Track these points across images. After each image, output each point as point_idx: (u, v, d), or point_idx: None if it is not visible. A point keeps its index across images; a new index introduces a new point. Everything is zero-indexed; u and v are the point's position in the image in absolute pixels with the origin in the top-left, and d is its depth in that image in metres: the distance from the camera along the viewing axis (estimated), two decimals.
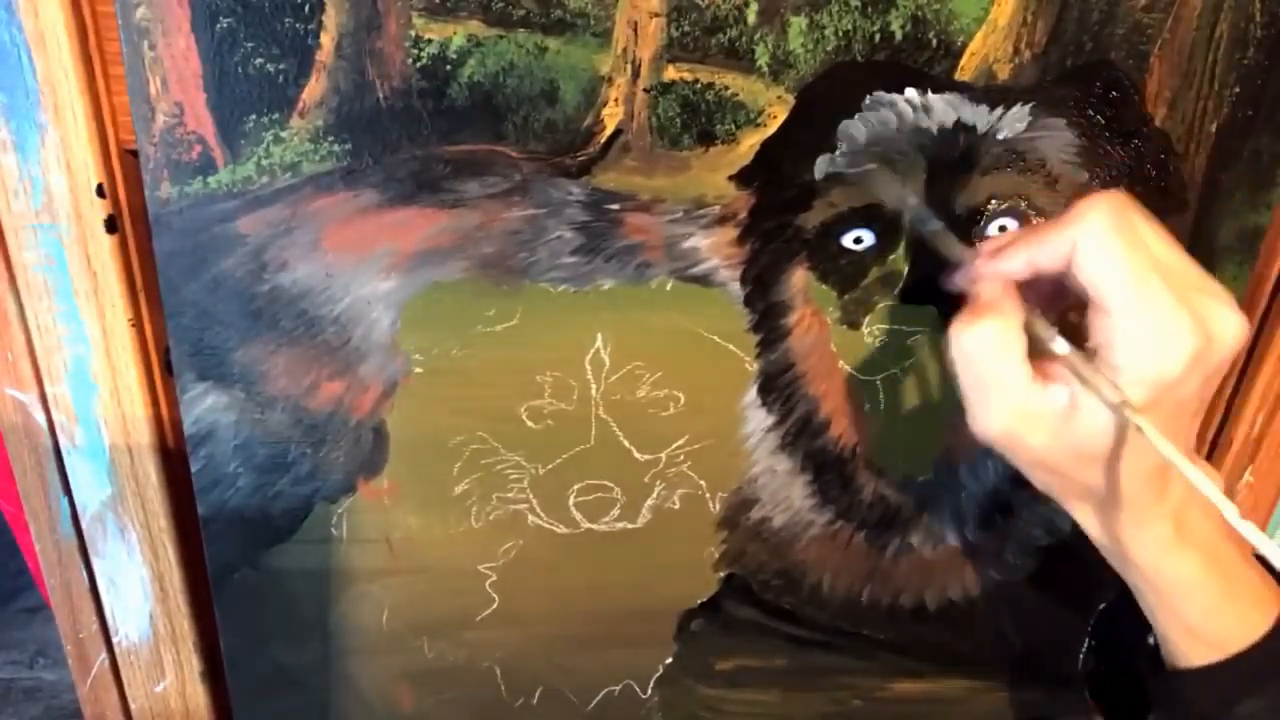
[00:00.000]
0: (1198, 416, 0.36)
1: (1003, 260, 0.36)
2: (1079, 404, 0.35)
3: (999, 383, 0.35)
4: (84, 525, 0.49)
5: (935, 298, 0.48)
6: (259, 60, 0.40)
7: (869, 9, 0.41)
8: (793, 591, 0.55)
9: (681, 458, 0.50)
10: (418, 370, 0.46)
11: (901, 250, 0.46)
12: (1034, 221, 0.47)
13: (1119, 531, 0.38)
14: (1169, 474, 0.36)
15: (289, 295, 0.44)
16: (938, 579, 0.56)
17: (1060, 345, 0.35)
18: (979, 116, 0.44)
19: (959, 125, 0.44)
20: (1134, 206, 0.35)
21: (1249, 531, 0.31)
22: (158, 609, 0.51)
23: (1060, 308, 0.39)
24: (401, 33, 0.40)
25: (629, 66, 0.41)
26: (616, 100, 0.42)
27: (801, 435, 0.50)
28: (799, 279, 0.47)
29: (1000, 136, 0.44)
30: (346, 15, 0.39)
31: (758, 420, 0.50)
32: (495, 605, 0.53)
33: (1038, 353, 0.36)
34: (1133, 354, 0.33)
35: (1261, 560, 0.38)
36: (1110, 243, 0.33)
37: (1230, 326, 0.34)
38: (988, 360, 0.35)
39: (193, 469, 0.47)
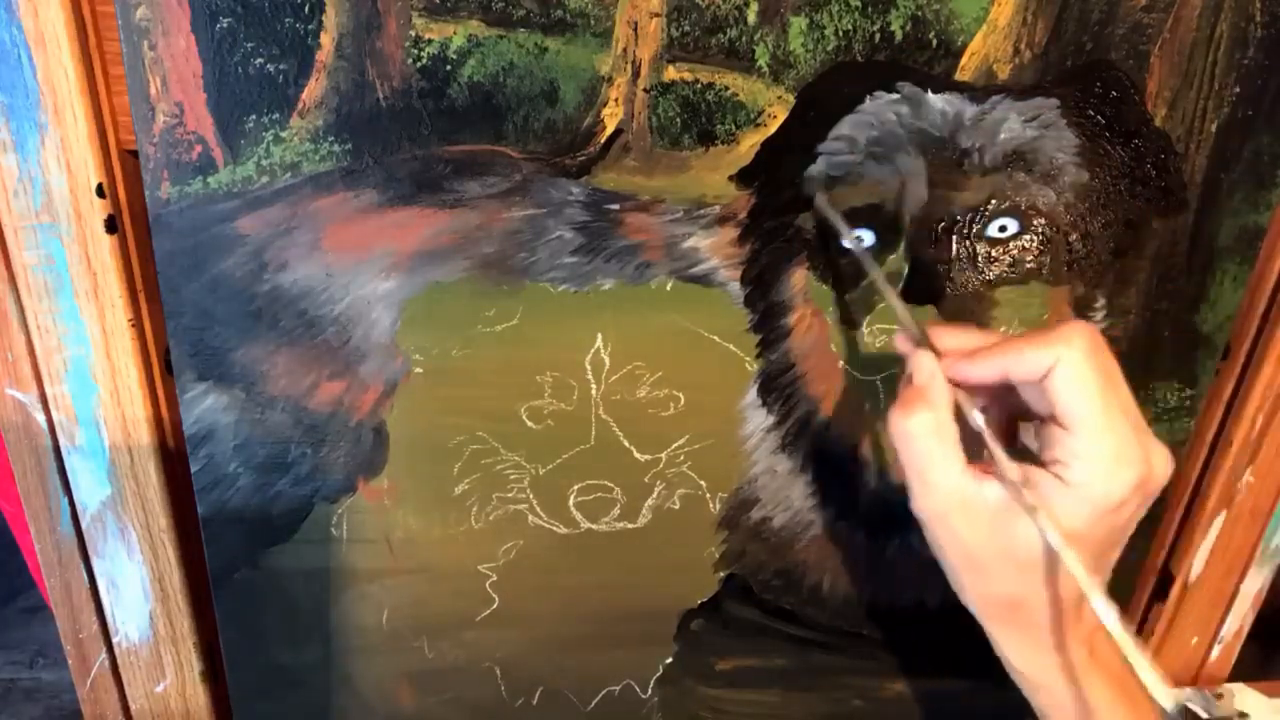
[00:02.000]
0: (1119, 547, 0.38)
1: (977, 367, 0.37)
2: (1014, 508, 0.36)
3: (933, 466, 0.36)
4: (84, 525, 0.49)
5: (935, 298, 0.48)
6: (259, 60, 0.40)
7: (869, 9, 0.41)
8: (793, 591, 0.55)
9: (681, 458, 0.50)
10: (418, 370, 0.46)
11: (901, 250, 0.46)
12: (1035, 222, 0.47)
13: (1034, 651, 0.39)
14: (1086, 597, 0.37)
15: (289, 295, 0.44)
16: (937, 579, 0.56)
17: (977, 419, 0.36)
18: (979, 116, 0.44)
19: (959, 125, 0.44)
20: (1103, 341, 0.36)
21: (1129, 647, 0.32)
22: (158, 609, 0.51)
23: (999, 410, 0.40)
24: (401, 33, 0.40)
25: (629, 66, 0.41)
26: (616, 100, 0.42)
27: (801, 435, 0.50)
28: (799, 279, 0.47)
29: (1000, 136, 0.44)
30: (346, 15, 0.39)
31: (758, 420, 0.50)
32: (495, 605, 0.53)
33: (977, 454, 0.37)
34: (1089, 473, 0.35)
35: None
36: (1088, 369, 0.35)
37: (1167, 464, 0.36)
38: (922, 444, 0.36)
39: (193, 469, 0.47)
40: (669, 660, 0.56)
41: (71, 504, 0.48)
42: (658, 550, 0.52)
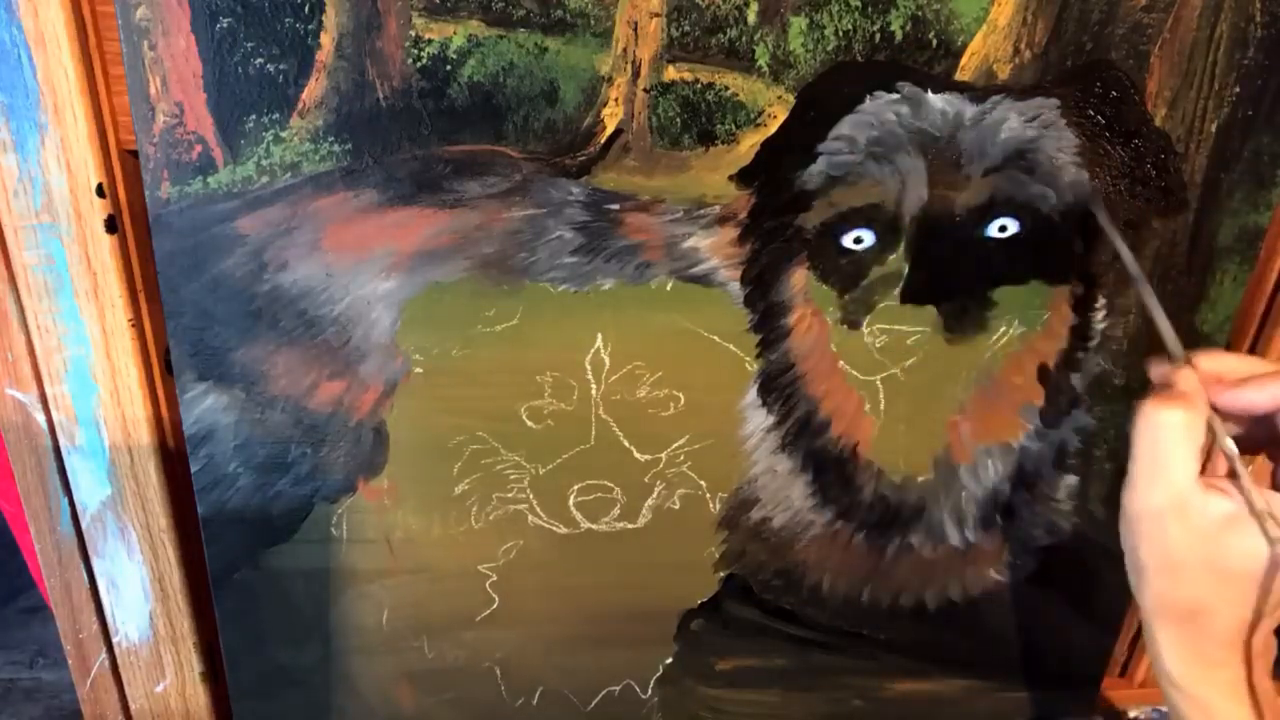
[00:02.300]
0: None
1: (1251, 392, 0.38)
2: (1235, 524, 0.36)
3: (1171, 462, 0.37)
4: (84, 525, 0.49)
5: (935, 298, 0.48)
6: (259, 60, 0.40)
7: (869, 9, 0.41)
8: (793, 591, 0.55)
9: (681, 458, 0.50)
10: (418, 370, 0.46)
11: (901, 250, 0.46)
12: (1035, 223, 0.47)
13: (1196, 661, 0.39)
14: (1265, 623, 0.38)
15: (289, 295, 0.44)
16: (938, 579, 0.56)
17: (1229, 445, 0.37)
18: (979, 116, 0.44)
19: (959, 125, 0.44)
20: None
21: None
22: (158, 609, 0.51)
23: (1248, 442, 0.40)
24: (401, 33, 0.40)
25: (629, 66, 0.41)
26: (616, 100, 0.42)
27: (801, 435, 0.50)
28: (799, 279, 0.47)
29: (1000, 136, 0.44)
30: (346, 15, 0.39)
31: (758, 420, 0.50)
32: (495, 605, 0.53)
33: (1210, 470, 0.38)
34: None
35: None
36: None
37: None
38: (1168, 441, 0.37)
39: (193, 469, 0.47)
40: (669, 660, 0.56)
41: (71, 504, 0.48)
42: (658, 550, 0.52)
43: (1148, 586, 0.39)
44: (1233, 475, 0.37)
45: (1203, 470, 0.37)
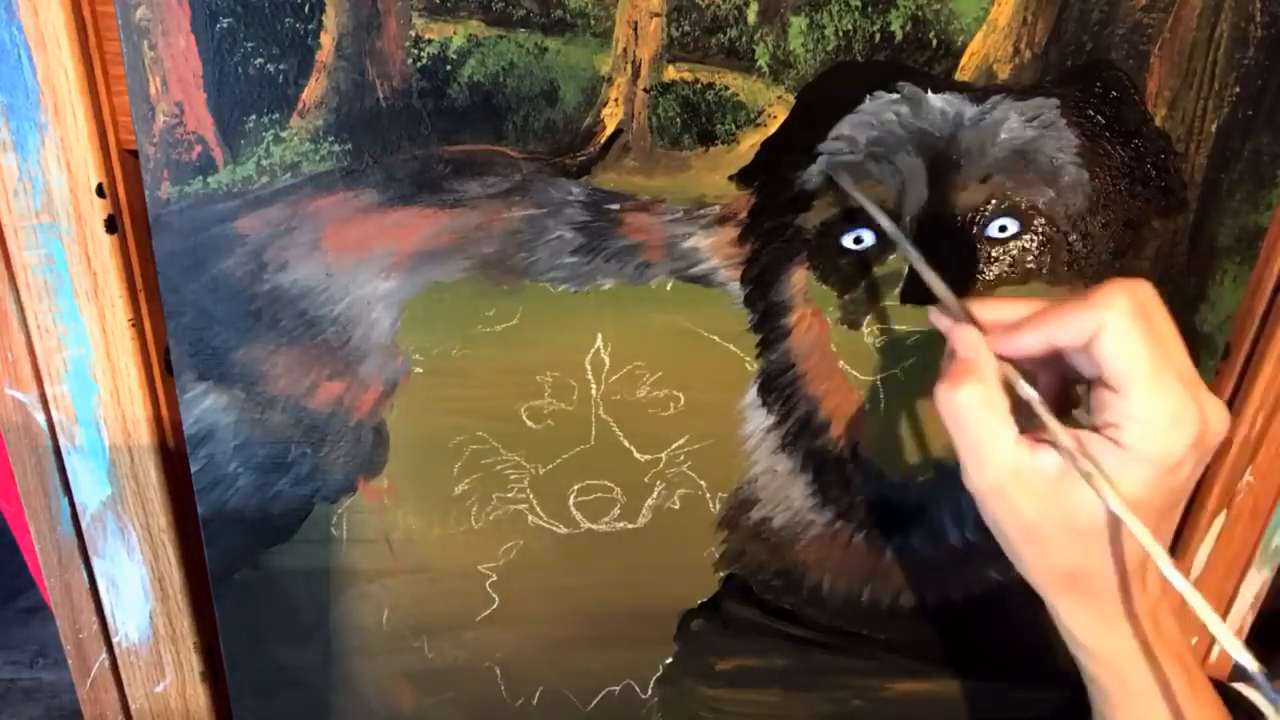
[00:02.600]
0: (1179, 509, 0.37)
1: (1021, 339, 0.37)
2: (1071, 475, 0.35)
3: (986, 438, 0.36)
4: (84, 525, 0.49)
5: (935, 298, 0.48)
6: (259, 60, 0.40)
7: (869, 9, 0.41)
8: (793, 591, 0.55)
9: (681, 458, 0.50)
10: (418, 370, 0.46)
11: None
12: (1035, 222, 0.47)
13: (1098, 623, 0.38)
14: (1150, 565, 0.37)
15: (289, 295, 0.44)
16: (938, 579, 0.56)
17: (1026, 389, 0.36)
18: (979, 116, 0.44)
19: (959, 125, 0.44)
20: (1153, 296, 0.36)
21: (1202, 608, 0.32)
22: (158, 609, 0.51)
23: (1049, 377, 0.40)
24: (401, 33, 0.40)
25: (629, 66, 0.41)
26: (616, 100, 0.42)
27: (801, 435, 0.50)
28: (799, 279, 0.47)
29: (1000, 136, 0.44)
30: (346, 15, 0.39)
31: (758, 420, 0.50)
32: (495, 605, 0.53)
33: (1029, 424, 0.36)
34: (1144, 435, 0.34)
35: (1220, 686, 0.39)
36: (1134, 330, 0.34)
37: (1222, 418, 0.35)
38: (973, 416, 0.36)
39: (193, 469, 0.47)
40: (669, 660, 0.56)
41: (71, 504, 0.48)
42: (658, 550, 0.52)
43: (1023, 561, 0.38)
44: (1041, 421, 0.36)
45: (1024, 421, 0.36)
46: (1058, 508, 0.36)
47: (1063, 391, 0.40)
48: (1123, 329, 0.34)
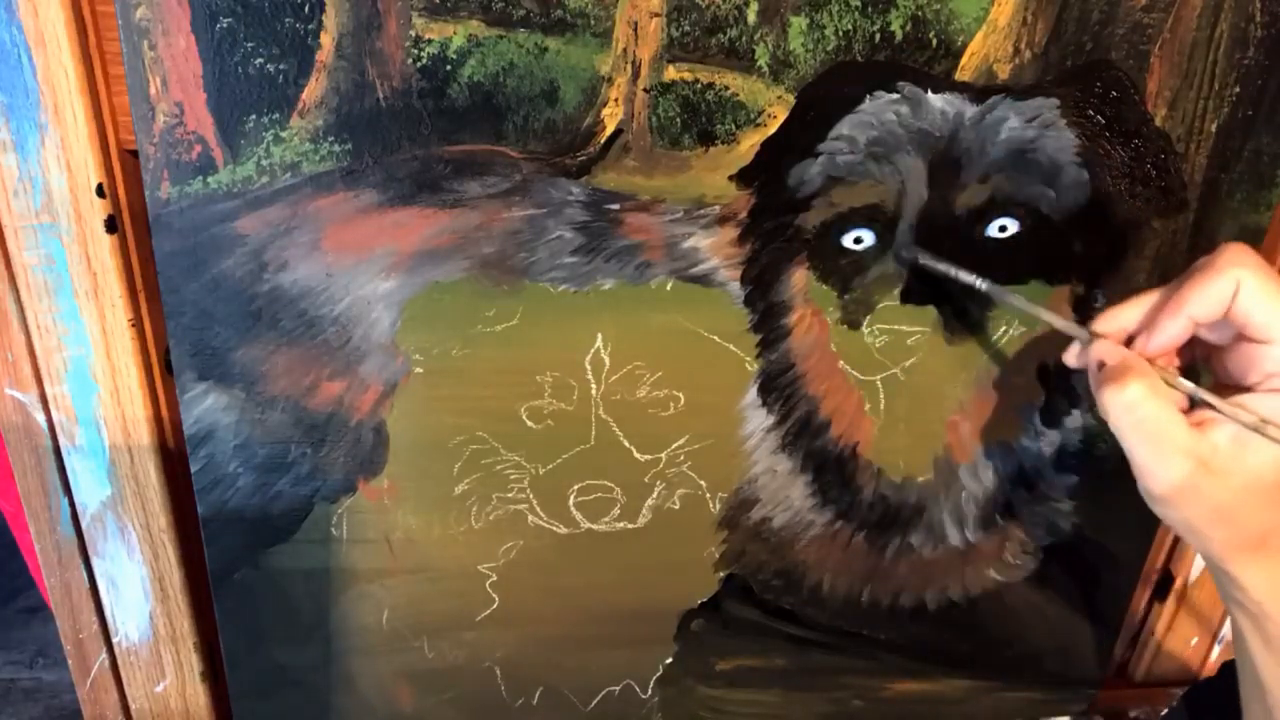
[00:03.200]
0: None
1: (1165, 332, 0.38)
2: (1244, 440, 0.36)
3: (1168, 432, 0.36)
4: (84, 525, 0.49)
5: (935, 298, 0.48)
6: (259, 60, 0.40)
7: (869, 9, 0.41)
8: (793, 591, 0.55)
9: (681, 458, 0.50)
10: (418, 370, 0.46)
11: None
12: (1035, 222, 0.47)
13: None
14: None
15: (289, 295, 0.44)
16: (938, 579, 0.56)
17: (1187, 385, 0.37)
18: (979, 116, 0.44)
19: (959, 125, 0.44)
20: (1255, 253, 0.37)
21: None
22: (158, 609, 0.51)
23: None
24: (401, 33, 0.40)
25: (629, 66, 0.41)
26: (616, 100, 0.42)
27: (801, 435, 0.50)
28: (799, 279, 0.47)
29: (1000, 136, 0.44)
30: (346, 15, 0.39)
31: (758, 420, 0.50)
32: (495, 605, 0.53)
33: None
34: None
35: None
36: (1269, 279, 0.35)
37: None
38: (1148, 410, 0.36)
39: (193, 469, 0.47)
40: (669, 660, 0.56)
41: (71, 504, 0.48)
42: (658, 550, 0.52)
43: (1209, 541, 0.38)
44: (1206, 404, 0.37)
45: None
46: (1242, 478, 0.36)
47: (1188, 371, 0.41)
48: (1259, 281, 0.35)
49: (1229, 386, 0.38)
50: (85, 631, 0.52)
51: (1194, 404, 0.38)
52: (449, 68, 0.40)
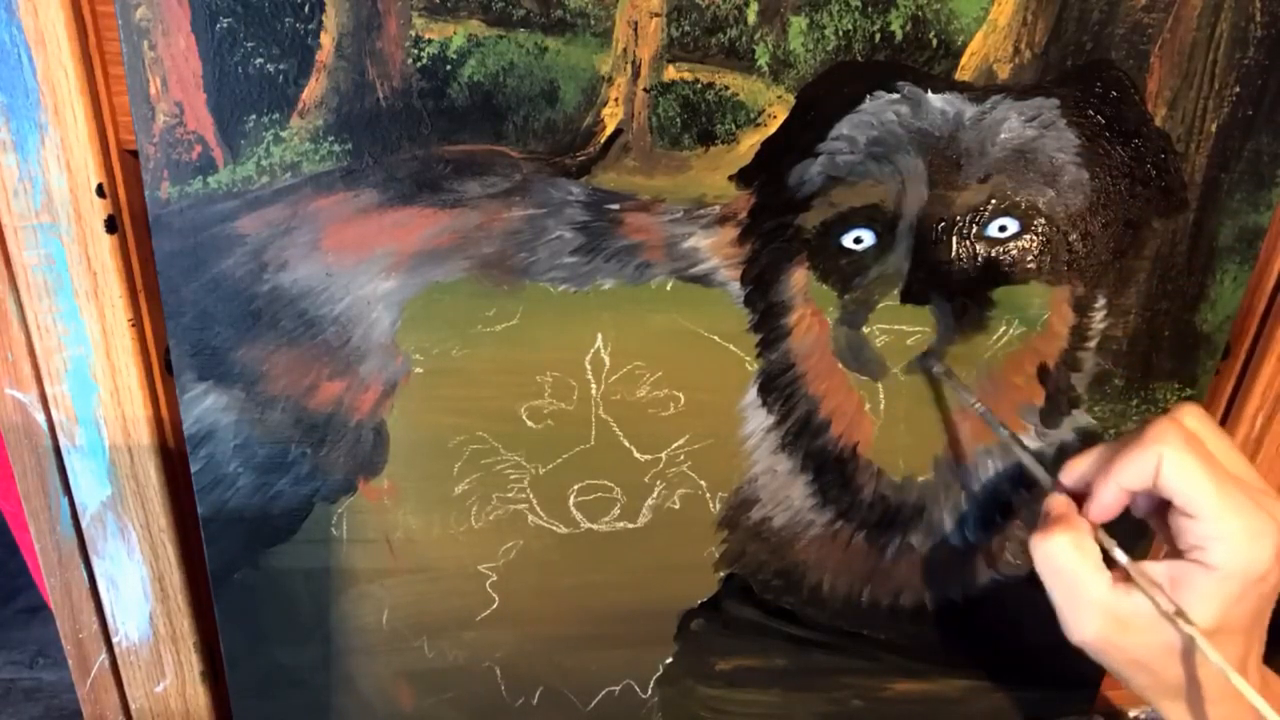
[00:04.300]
0: (1270, 608, 0.39)
1: (1099, 503, 0.39)
2: (1161, 619, 0.37)
3: (1085, 588, 0.38)
4: (84, 525, 0.49)
5: (935, 298, 0.48)
6: (259, 60, 0.40)
7: (869, 9, 0.41)
8: (793, 591, 0.55)
9: (681, 458, 0.50)
10: (418, 370, 0.46)
11: (901, 250, 0.46)
12: (1035, 222, 0.47)
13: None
14: (1251, 660, 0.39)
15: (289, 295, 0.44)
16: (938, 579, 0.56)
17: (1120, 555, 0.38)
18: (979, 116, 0.44)
19: (959, 125, 0.44)
20: (1202, 417, 0.38)
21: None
22: (158, 609, 0.51)
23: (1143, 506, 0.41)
24: (401, 33, 0.40)
25: (629, 66, 0.41)
26: (616, 100, 0.42)
27: (801, 435, 0.50)
28: (799, 279, 0.47)
29: (1000, 136, 0.44)
30: (346, 15, 0.39)
31: (758, 420, 0.50)
32: (495, 605, 0.53)
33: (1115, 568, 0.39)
34: (1227, 552, 0.36)
35: None
36: (1190, 459, 0.36)
37: None
38: (1070, 567, 0.38)
39: (193, 469, 0.47)
40: (669, 660, 0.56)
41: (71, 504, 0.48)
42: (658, 550, 0.52)
43: (1130, 683, 0.40)
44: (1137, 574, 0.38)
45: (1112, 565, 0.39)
46: (1161, 635, 0.37)
47: (1159, 512, 0.42)
48: (1180, 461, 0.36)
49: (1171, 548, 0.39)
50: (85, 631, 0.52)
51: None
52: (449, 68, 0.40)
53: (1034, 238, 0.47)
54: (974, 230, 0.46)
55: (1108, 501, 0.39)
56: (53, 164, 0.41)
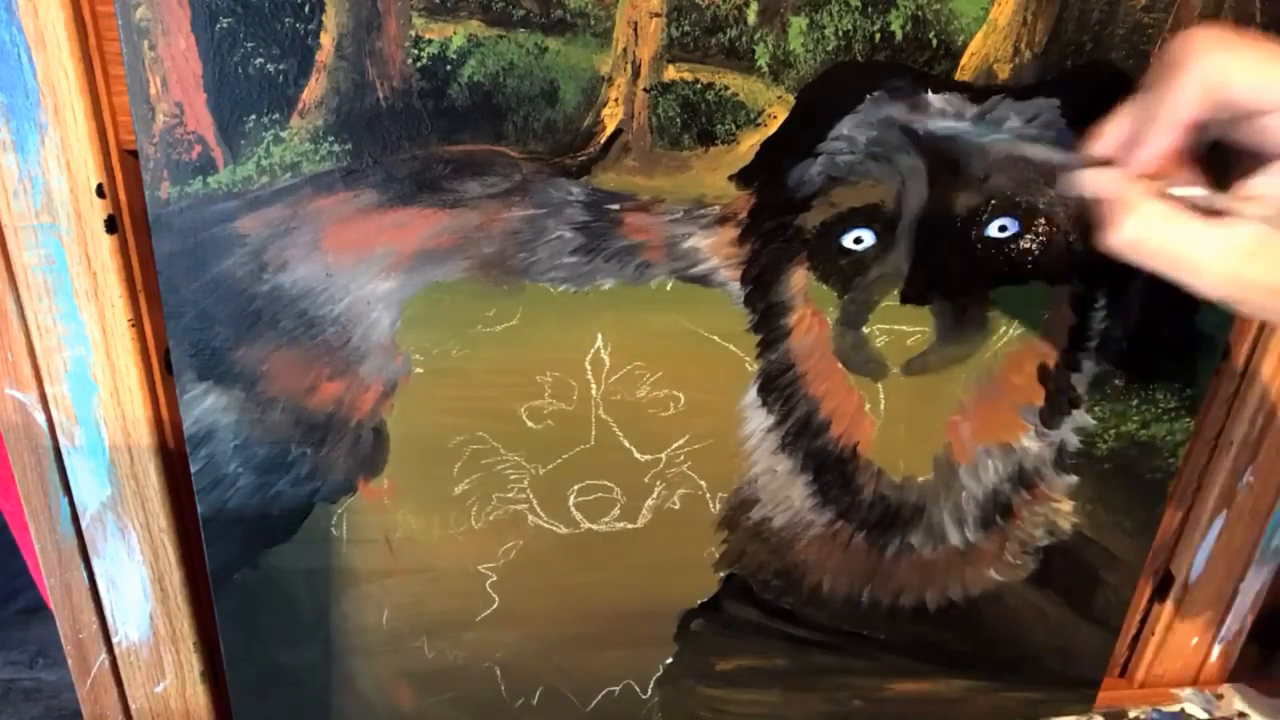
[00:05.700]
0: None
1: (1154, 144, 0.35)
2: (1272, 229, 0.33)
3: (1197, 250, 0.34)
4: (84, 525, 0.49)
5: (935, 298, 0.48)
6: (259, 60, 0.40)
7: (869, 9, 0.41)
8: (793, 591, 0.55)
9: (681, 458, 0.50)
10: (418, 370, 0.46)
11: (901, 250, 0.46)
12: (1035, 222, 0.47)
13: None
14: None
15: (289, 295, 0.44)
16: (938, 579, 0.56)
17: (1184, 190, 0.34)
18: (979, 116, 0.44)
19: (959, 124, 0.44)
20: (1214, 28, 0.35)
21: None
22: (158, 609, 0.51)
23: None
24: (401, 33, 0.40)
25: (629, 66, 0.41)
26: (616, 100, 0.42)
27: (801, 435, 0.50)
28: (799, 279, 0.47)
29: (1000, 136, 0.44)
30: (346, 15, 0.39)
31: (758, 420, 0.50)
32: (495, 605, 0.53)
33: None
34: None
35: None
36: (1243, 49, 0.33)
37: None
38: (1173, 240, 0.34)
39: (193, 469, 0.47)
40: (669, 660, 0.56)
41: (71, 504, 0.48)
42: (658, 550, 0.52)
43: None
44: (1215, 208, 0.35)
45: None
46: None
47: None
48: (1233, 58, 0.33)
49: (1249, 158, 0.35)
50: (85, 631, 0.52)
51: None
52: (449, 68, 0.40)
53: (1034, 238, 0.47)
54: (974, 230, 0.46)
55: (1163, 147, 0.35)
56: (53, 164, 0.41)
